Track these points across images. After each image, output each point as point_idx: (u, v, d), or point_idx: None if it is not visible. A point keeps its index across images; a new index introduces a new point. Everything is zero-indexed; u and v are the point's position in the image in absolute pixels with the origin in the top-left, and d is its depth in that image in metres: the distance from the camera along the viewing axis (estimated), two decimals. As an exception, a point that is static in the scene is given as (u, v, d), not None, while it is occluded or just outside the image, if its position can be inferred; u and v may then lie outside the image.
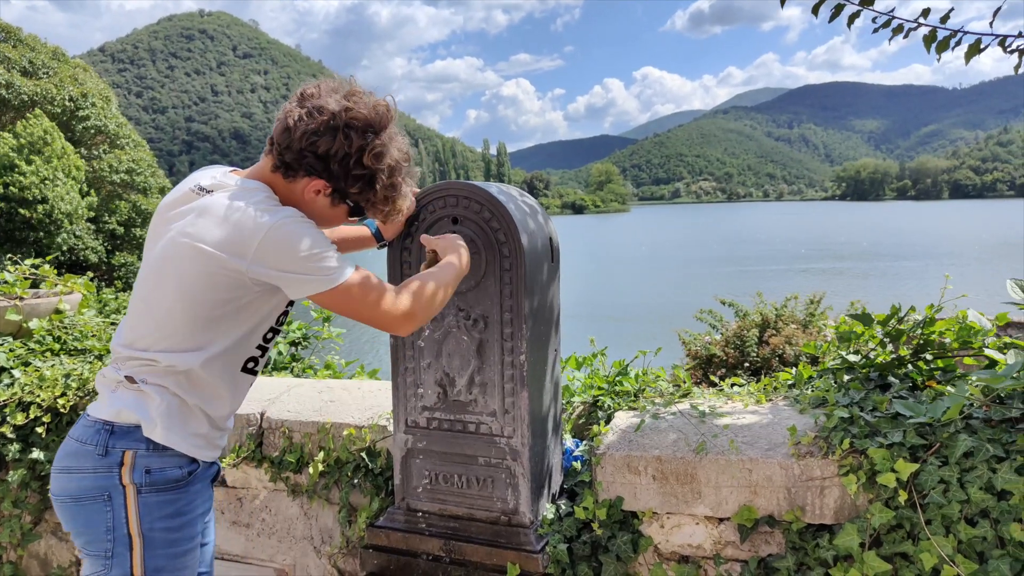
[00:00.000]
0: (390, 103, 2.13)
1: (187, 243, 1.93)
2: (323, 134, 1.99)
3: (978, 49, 2.73)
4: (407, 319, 2.07)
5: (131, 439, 1.97)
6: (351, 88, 2.08)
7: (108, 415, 1.98)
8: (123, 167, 34.72)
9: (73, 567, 3.76)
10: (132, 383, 1.99)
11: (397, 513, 2.90)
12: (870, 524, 2.39)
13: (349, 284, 2.00)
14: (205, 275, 1.93)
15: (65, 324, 4.18)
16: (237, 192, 1.99)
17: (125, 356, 2.03)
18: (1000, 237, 73.35)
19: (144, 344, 2.00)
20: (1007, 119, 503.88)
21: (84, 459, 1.96)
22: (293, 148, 2.01)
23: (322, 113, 1.99)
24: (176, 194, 2.09)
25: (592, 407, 3.27)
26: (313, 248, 1.94)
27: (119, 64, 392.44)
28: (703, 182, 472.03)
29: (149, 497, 1.97)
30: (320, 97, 2.03)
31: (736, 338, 7.01)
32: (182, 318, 1.97)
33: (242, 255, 1.91)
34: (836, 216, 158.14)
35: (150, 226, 2.13)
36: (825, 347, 3.34)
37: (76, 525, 2.00)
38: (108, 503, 1.95)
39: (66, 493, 1.99)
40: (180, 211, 2.02)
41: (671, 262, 60.87)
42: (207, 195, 2.01)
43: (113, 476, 1.95)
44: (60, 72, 34.87)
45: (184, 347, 1.99)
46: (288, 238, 1.92)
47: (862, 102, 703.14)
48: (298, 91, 2.08)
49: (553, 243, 2.85)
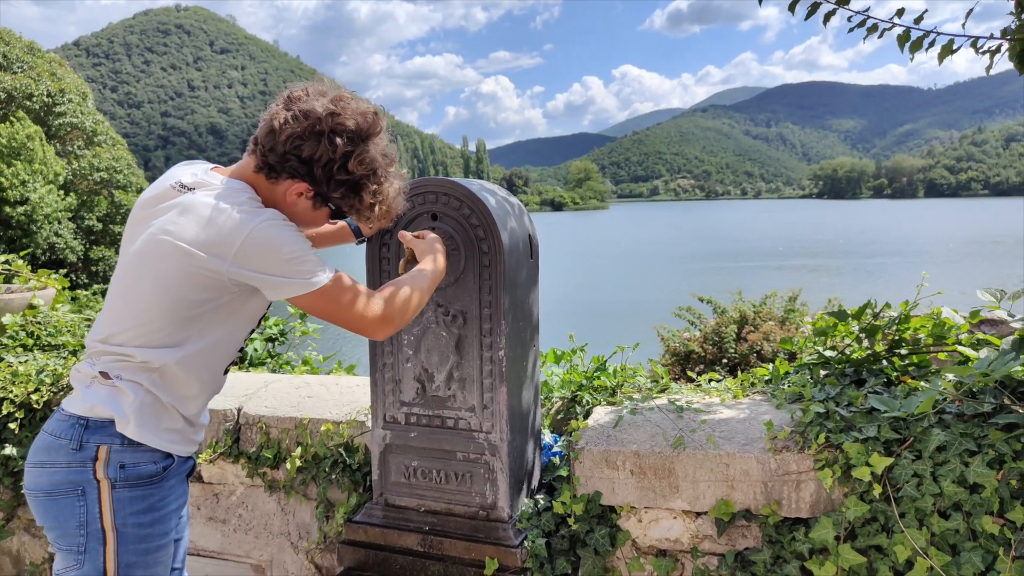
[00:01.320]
0: (379, 110, 2.11)
1: (168, 241, 1.91)
2: (308, 139, 1.99)
3: (951, 50, 2.76)
4: (383, 323, 2.08)
5: (105, 434, 1.95)
6: (339, 93, 2.07)
7: (82, 410, 1.97)
8: (103, 165, 34.45)
9: (46, 564, 3.73)
10: (107, 379, 1.98)
11: (375, 508, 2.90)
12: (845, 517, 2.42)
13: (327, 288, 2.00)
14: (184, 274, 1.92)
15: (39, 319, 4.14)
16: (220, 192, 1.98)
17: (100, 351, 2.01)
18: (973, 236, 74.12)
19: (120, 339, 1.99)
20: (981, 119, 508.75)
21: (58, 453, 1.95)
22: (277, 151, 2.00)
23: (308, 117, 1.99)
24: (156, 190, 2.07)
25: (571, 402, 3.28)
26: (294, 251, 1.95)
27: (94, 59, 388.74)
28: (682, 180, 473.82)
29: (123, 492, 1.96)
30: (307, 100, 2.03)
31: (714, 334, 7.04)
32: (159, 315, 1.95)
33: (222, 256, 1.90)
34: (813, 214, 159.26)
35: (128, 221, 2.11)
36: (802, 343, 3.37)
37: (49, 520, 1.99)
38: (81, 498, 1.94)
39: (39, 488, 1.97)
40: (160, 208, 2.00)
41: (650, 259, 61.06)
42: (188, 193, 1.99)
43: (87, 471, 1.94)
44: (36, 67, 34.51)
45: (160, 343, 1.98)
46: (269, 241, 1.92)
47: (839, 101, 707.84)
48: (285, 93, 2.08)
49: (532, 240, 2.86)
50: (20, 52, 34.57)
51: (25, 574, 3.75)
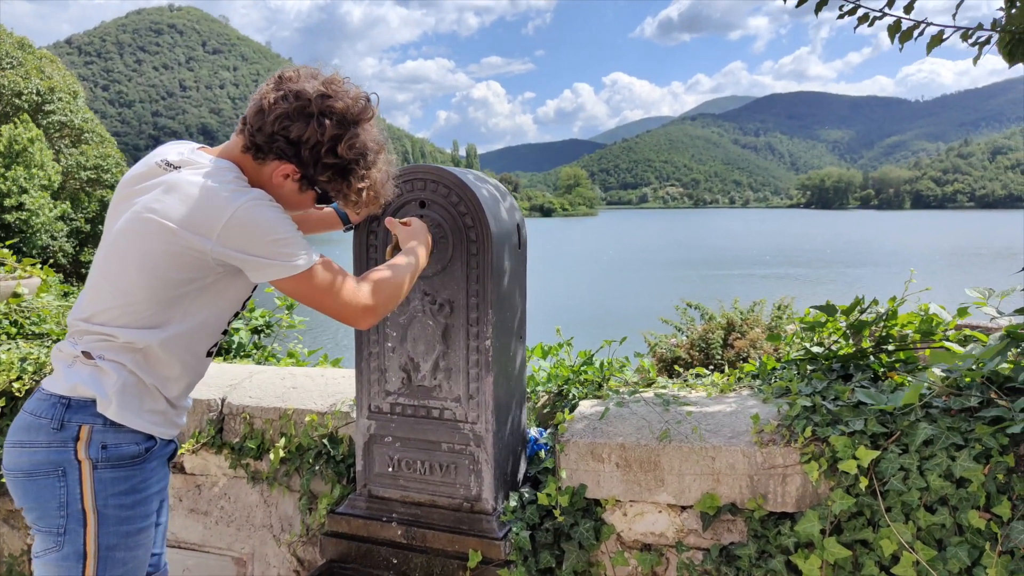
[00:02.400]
0: (370, 96, 2.09)
1: (152, 219, 1.89)
2: (296, 119, 1.96)
3: (940, 40, 2.75)
4: (367, 312, 2.06)
5: (87, 413, 1.92)
6: (332, 76, 2.05)
7: (64, 389, 1.94)
8: (91, 163, 34.28)
9: (24, 556, 3.69)
10: (89, 358, 1.95)
11: (358, 500, 2.87)
12: (831, 511, 2.41)
13: (312, 272, 1.97)
14: (169, 253, 1.89)
15: (23, 308, 4.11)
16: (206, 171, 1.95)
17: (83, 330, 1.98)
18: (957, 247, 74.55)
19: (103, 319, 1.96)
20: (967, 131, 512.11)
21: (38, 433, 1.92)
22: (265, 131, 1.98)
23: (298, 98, 1.96)
24: (141, 168, 2.04)
25: (557, 396, 3.26)
26: (279, 232, 1.92)
27: (86, 57, 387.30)
28: (670, 187, 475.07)
29: (104, 473, 1.93)
30: (298, 81, 2.00)
31: (701, 341, 7.05)
32: (143, 295, 1.93)
33: (207, 235, 1.87)
34: (800, 224, 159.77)
35: (112, 200, 2.08)
36: (789, 338, 3.36)
37: (28, 501, 1.95)
38: (62, 478, 1.91)
39: (18, 468, 1.94)
40: (145, 186, 1.98)
41: (638, 266, 61.12)
42: (174, 171, 1.97)
43: (68, 451, 1.91)
44: (26, 63, 34.32)
45: (144, 324, 1.95)
46: (254, 220, 1.89)
47: (827, 112, 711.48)
48: (276, 73, 2.05)
49: (520, 230, 2.84)
50: (10, 48, 34.37)
51: (3, 565, 3.70)
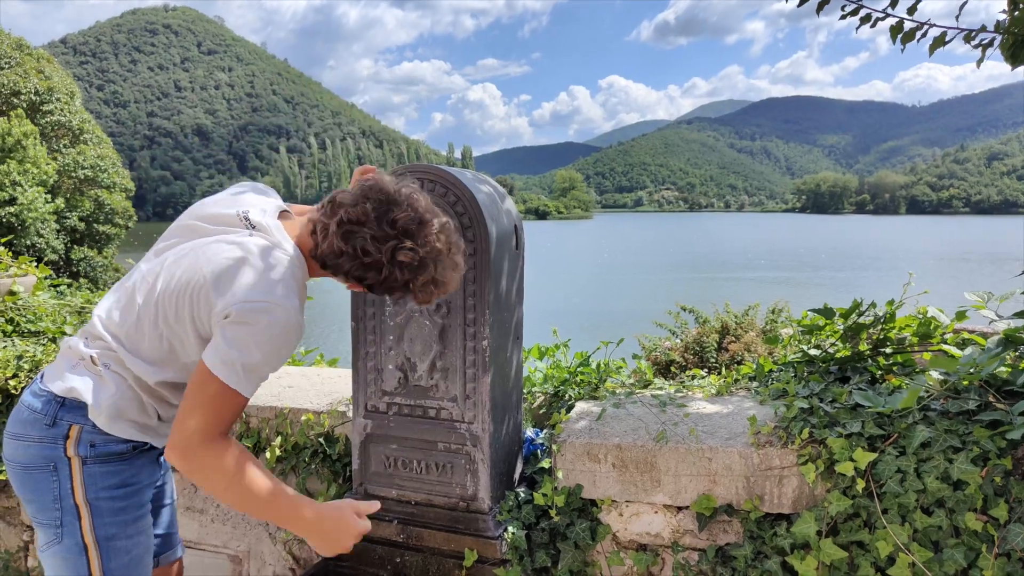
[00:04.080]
0: (451, 236, 1.98)
1: (206, 276, 1.85)
2: (372, 268, 1.91)
3: (943, 42, 2.76)
4: (184, 452, 1.78)
5: (79, 414, 1.94)
6: (426, 230, 1.92)
7: (60, 390, 1.94)
8: (88, 163, 34.22)
9: (21, 552, 3.68)
10: (94, 364, 1.95)
11: (355, 499, 2.86)
12: (828, 513, 2.41)
13: (223, 391, 1.80)
14: (189, 302, 1.86)
15: (19, 306, 4.09)
16: (273, 261, 1.90)
17: (98, 334, 1.98)
18: (954, 252, 74.72)
19: (116, 332, 1.96)
20: (963, 137, 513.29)
21: (32, 427, 1.94)
22: (342, 268, 1.93)
23: (380, 251, 1.88)
24: (222, 208, 2.04)
25: (554, 397, 3.26)
26: (261, 361, 1.82)
27: (81, 56, 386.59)
28: (666, 191, 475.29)
29: (94, 468, 1.95)
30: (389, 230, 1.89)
31: (696, 344, 7.05)
32: (150, 331, 1.92)
33: (224, 309, 1.81)
34: (796, 228, 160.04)
35: (183, 217, 2.08)
36: (787, 341, 3.37)
37: (26, 492, 1.99)
38: (54, 473, 1.93)
39: (15, 459, 1.97)
40: (218, 229, 1.99)
41: (633, 269, 61.16)
42: (248, 234, 1.95)
43: (58, 447, 1.93)
44: (24, 63, 34.24)
45: (145, 358, 1.94)
46: (264, 337, 1.81)
47: (824, 117, 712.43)
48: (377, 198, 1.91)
49: (518, 232, 2.84)
50: (8, 48, 34.29)
51: (0, 562, 3.70)
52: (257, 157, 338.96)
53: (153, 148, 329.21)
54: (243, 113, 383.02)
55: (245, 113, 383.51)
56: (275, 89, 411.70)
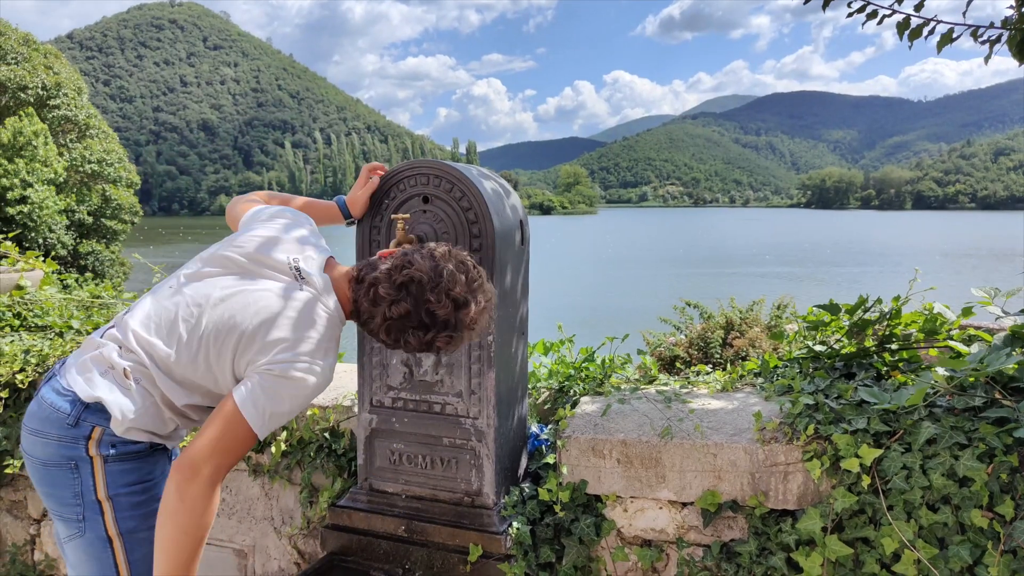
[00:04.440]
0: (488, 312, 2.09)
1: (255, 328, 1.94)
2: (409, 347, 2.05)
3: (950, 39, 2.75)
4: (194, 474, 1.85)
5: (103, 416, 1.97)
6: (468, 308, 2.02)
7: (86, 396, 1.96)
8: (95, 158, 34.26)
9: (28, 545, 3.69)
10: (127, 377, 1.98)
11: (359, 493, 2.87)
12: (833, 509, 2.41)
13: (242, 426, 1.89)
14: (234, 347, 1.95)
15: (26, 300, 4.10)
16: (317, 318, 2.01)
17: (132, 348, 2.01)
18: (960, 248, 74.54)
19: (154, 356, 1.99)
20: (970, 132, 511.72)
21: (54, 426, 1.96)
22: (376, 335, 2.07)
23: (419, 341, 2.03)
24: (273, 251, 2.09)
25: (559, 392, 3.26)
26: (289, 411, 1.95)
27: (87, 52, 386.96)
28: (670, 186, 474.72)
29: (114, 466, 1.99)
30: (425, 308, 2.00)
31: (700, 339, 7.03)
32: (188, 361, 1.99)
33: (257, 357, 1.93)
34: (801, 223, 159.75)
35: (225, 252, 2.11)
36: (792, 337, 3.36)
37: (46, 487, 2.02)
38: (75, 471, 1.97)
39: (35, 455, 2.00)
40: (268, 276, 2.05)
41: (637, 264, 61.10)
42: (298, 286, 2.03)
43: (79, 447, 1.96)
44: (31, 59, 34.26)
45: (177, 382, 2.01)
46: (295, 390, 1.93)
47: (829, 112, 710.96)
48: (417, 293, 1.99)
49: (523, 227, 2.84)
50: (15, 44, 34.30)
51: (7, 555, 3.70)
52: (262, 152, 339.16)
53: (159, 143, 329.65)
54: (248, 108, 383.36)
55: (250, 108, 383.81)
56: (280, 84, 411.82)
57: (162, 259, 5.46)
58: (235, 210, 2.41)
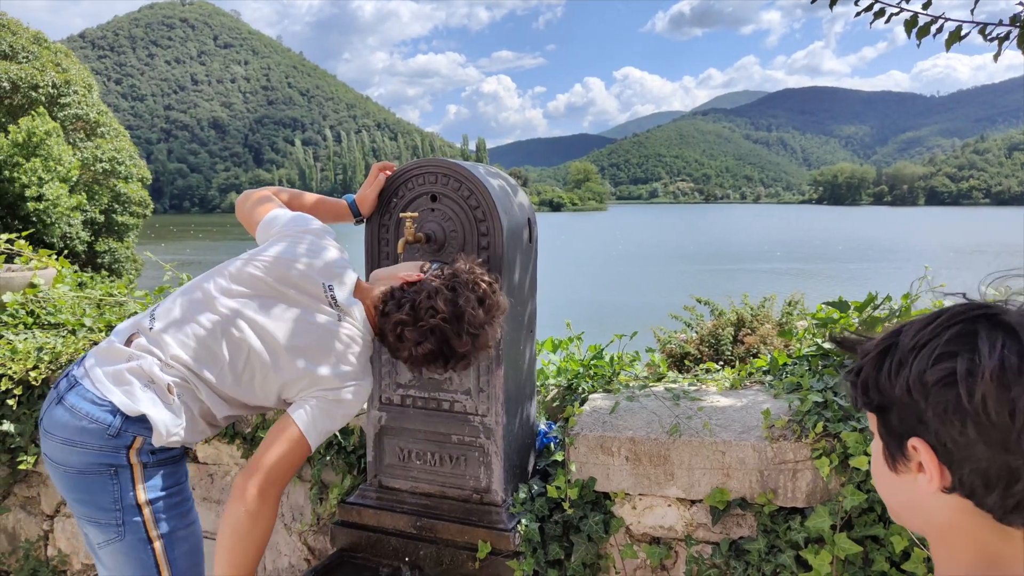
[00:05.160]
0: (503, 311, 2.24)
1: (305, 359, 2.12)
2: (434, 362, 2.20)
3: (959, 36, 2.73)
4: (265, 491, 2.02)
5: (143, 427, 2.01)
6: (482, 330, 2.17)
7: (128, 410, 1.98)
8: (106, 156, 34.38)
9: (41, 540, 3.71)
10: (170, 393, 2.03)
11: (369, 490, 2.88)
12: (842, 507, 2.40)
13: (301, 441, 2.09)
14: (282, 374, 2.11)
15: (39, 298, 4.13)
16: (359, 346, 2.21)
17: (170, 363, 2.05)
18: (973, 244, 74.16)
19: (196, 372, 2.07)
20: (984, 127, 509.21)
21: (93, 437, 1.97)
22: (401, 361, 2.26)
23: (441, 368, 2.22)
24: (306, 276, 2.17)
25: (567, 390, 3.26)
26: (338, 426, 2.22)
27: (99, 51, 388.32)
28: (681, 183, 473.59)
29: (152, 471, 2.06)
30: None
31: (711, 336, 7.02)
32: (233, 380, 2.12)
33: (319, 389, 2.13)
34: (812, 219, 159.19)
35: (256, 274, 2.16)
36: (801, 334, 3.35)
37: (80, 494, 2.03)
38: (115, 477, 2.00)
39: (68, 464, 2.01)
40: (305, 302, 2.17)
41: (648, 261, 61.02)
42: (336, 316, 2.17)
43: (120, 455, 2.00)
44: (41, 57, 34.40)
45: (221, 396, 2.12)
46: (348, 412, 2.19)
47: (841, 107, 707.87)
48: (441, 336, 2.13)
49: (531, 225, 2.84)
50: (26, 42, 34.44)
51: (20, 551, 3.73)
52: (273, 150, 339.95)
53: (170, 141, 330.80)
54: (259, 106, 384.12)
55: (261, 106, 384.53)
56: (290, 82, 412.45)
57: (173, 256, 5.50)
58: (247, 208, 2.43)
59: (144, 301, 4.07)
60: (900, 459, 0.97)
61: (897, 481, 1.00)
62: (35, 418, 3.43)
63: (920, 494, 0.96)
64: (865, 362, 0.99)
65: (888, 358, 0.96)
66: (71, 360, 3.50)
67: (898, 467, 0.98)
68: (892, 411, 0.96)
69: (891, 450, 0.98)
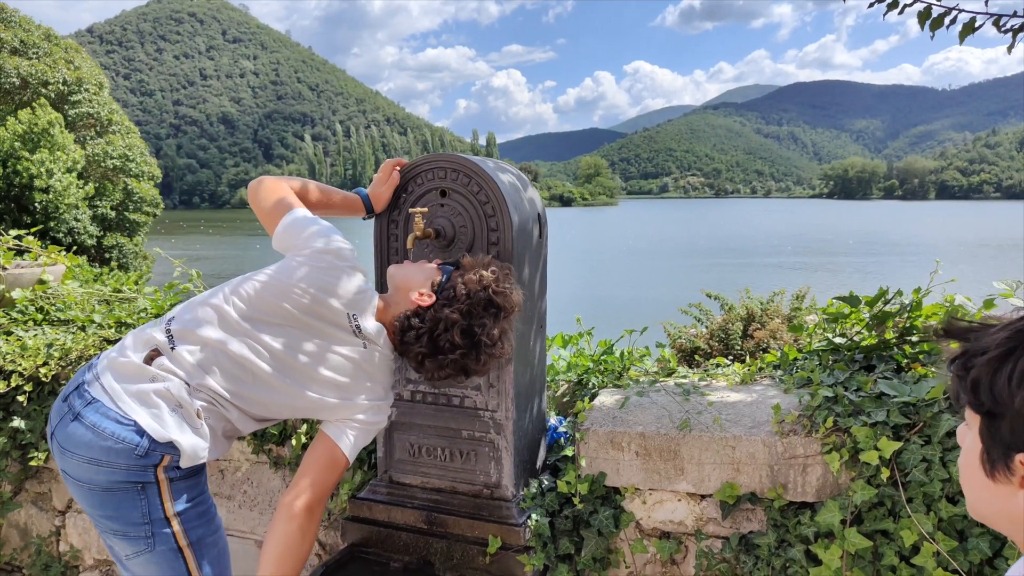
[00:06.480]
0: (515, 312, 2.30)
1: (334, 393, 2.20)
2: (451, 378, 2.28)
3: (973, 28, 2.71)
4: (313, 509, 2.15)
5: (171, 447, 2.01)
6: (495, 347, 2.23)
7: (158, 436, 1.98)
8: (117, 153, 34.47)
9: (53, 536, 3.73)
10: (198, 416, 2.06)
11: (380, 486, 2.89)
12: (852, 501, 2.40)
13: (338, 456, 2.21)
14: (314, 405, 2.20)
15: (48, 294, 4.14)
16: (385, 369, 2.29)
17: (197, 387, 2.07)
18: (984, 238, 73.83)
19: (224, 395, 2.10)
20: (995, 121, 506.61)
21: (119, 456, 1.97)
22: (424, 365, 2.25)
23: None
24: (330, 301, 2.17)
25: (577, 385, 3.26)
26: (372, 438, 2.32)
27: (107, 46, 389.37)
28: (691, 177, 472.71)
29: (179, 484, 2.07)
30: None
31: (721, 331, 7.01)
32: (262, 401, 2.17)
33: (350, 415, 2.22)
34: (823, 214, 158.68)
35: (278, 303, 2.15)
36: (811, 329, 3.35)
37: (106, 510, 2.03)
38: (142, 493, 2.01)
39: (94, 483, 2.00)
40: (330, 331, 2.19)
41: (658, 256, 60.95)
42: (361, 345, 2.21)
43: (148, 473, 2.01)
44: (52, 53, 34.49)
45: (249, 415, 2.19)
46: (377, 428, 2.30)
47: (852, 101, 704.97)
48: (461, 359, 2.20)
49: (541, 219, 2.84)
50: (37, 39, 34.53)
51: (32, 546, 3.75)
52: (282, 145, 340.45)
53: (179, 136, 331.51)
54: (268, 101, 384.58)
55: (270, 101, 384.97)
56: (300, 77, 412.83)
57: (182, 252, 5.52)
58: (260, 195, 2.35)
59: (154, 297, 4.07)
60: (1001, 468, 0.93)
61: (992, 488, 0.96)
62: (45, 414, 3.44)
63: (1019, 510, 0.92)
64: (981, 361, 0.93)
65: (1010, 364, 0.89)
66: (81, 356, 3.51)
67: (996, 475, 0.94)
68: (1004, 420, 0.90)
69: (992, 457, 0.94)
